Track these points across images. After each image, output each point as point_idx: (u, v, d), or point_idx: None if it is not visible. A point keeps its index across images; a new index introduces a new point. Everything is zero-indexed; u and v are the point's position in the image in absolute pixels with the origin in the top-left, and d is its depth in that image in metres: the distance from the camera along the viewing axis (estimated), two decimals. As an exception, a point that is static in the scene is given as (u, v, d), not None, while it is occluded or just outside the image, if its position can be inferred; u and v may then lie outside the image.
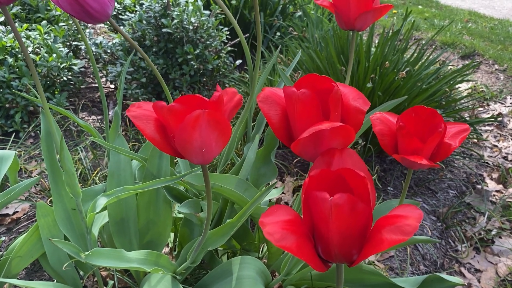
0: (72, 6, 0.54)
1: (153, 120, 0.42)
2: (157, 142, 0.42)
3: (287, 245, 0.31)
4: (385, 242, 0.30)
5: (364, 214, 0.32)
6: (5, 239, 1.02)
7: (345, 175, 0.35)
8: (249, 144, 0.86)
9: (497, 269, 1.09)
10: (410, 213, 0.32)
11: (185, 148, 0.41)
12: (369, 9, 0.59)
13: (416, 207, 0.31)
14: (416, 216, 0.31)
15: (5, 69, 1.37)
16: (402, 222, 0.31)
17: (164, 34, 1.46)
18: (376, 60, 1.27)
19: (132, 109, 0.43)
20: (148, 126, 0.42)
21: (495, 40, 2.81)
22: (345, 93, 0.42)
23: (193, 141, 0.40)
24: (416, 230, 0.29)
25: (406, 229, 0.30)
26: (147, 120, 0.42)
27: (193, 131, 0.39)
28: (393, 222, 0.32)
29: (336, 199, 0.31)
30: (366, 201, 0.33)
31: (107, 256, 0.60)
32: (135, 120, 0.42)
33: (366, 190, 0.33)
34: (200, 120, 0.39)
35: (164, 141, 0.42)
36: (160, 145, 0.42)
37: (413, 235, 0.29)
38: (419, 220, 0.30)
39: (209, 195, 0.51)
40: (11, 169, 0.92)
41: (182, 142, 0.41)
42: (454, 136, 0.50)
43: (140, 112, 0.42)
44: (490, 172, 1.47)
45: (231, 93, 0.45)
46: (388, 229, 0.31)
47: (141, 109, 0.43)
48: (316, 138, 0.39)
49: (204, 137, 0.40)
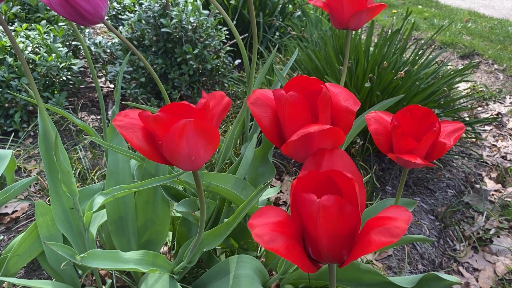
0: (64, 9, 0.54)
1: (140, 129, 0.41)
2: (145, 151, 0.41)
3: (276, 247, 0.31)
4: (373, 244, 0.30)
5: (352, 215, 0.32)
6: (4, 238, 1.03)
7: (334, 177, 0.35)
8: (246, 144, 0.86)
9: (495, 268, 1.09)
10: (399, 215, 0.32)
11: (173, 156, 0.41)
12: (363, 8, 0.59)
13: (406, 209, 0.31)
14: (405, 218, 0.31)
15: (5, 69, 1.38)
16: (391, 224, 0.31)
17: (163, 34, 1.46)
18: (375, 60, 1.27)
19: (118, 118, 0.41)
20: (136, 135, 0.40)
21: (495, 40, 2.81)
22: (335, 93, 0.42)
23: (181, 150, 0.40)
24: (404, 232, 0.29)
25: (394, 231, 0.30)
26: (134, 129, 0.41)
27: (180, 140, 0.39)
28: (382, 224, 0.32)
29: (323, 200, 0.31)
30: (354, 203, 0.33)
31: (103, 258, 0.60)
32: (121, 130, 0.40)
33: (354, 192, 0.33)
34: (186, 129, 0.38)
35: (152, 150, 0.41)
36: (148, 155, 0.41)
37: (401, 237, 0.29)
38: (408, 222, 0.30)
39: (202, 197, 0.51)
40: (8, 168, 0.93)
41: (169, 151, 0.40)
42: (449, 135, 0.50)
43: (127, 121, 0.41)
44: (489, 171, 1.47)
45: (218, 96, 0.44)
46: (377, 231, 0.31)
47: (128, 117, 0.42)
48: (306, 140, 0.39)
49: (191, 146, 0.40)
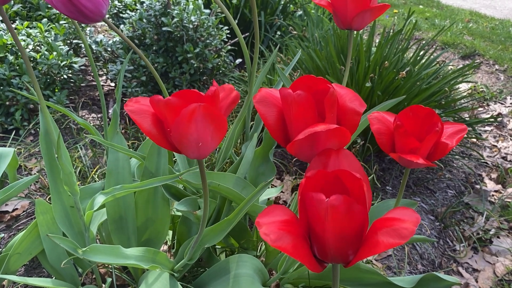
0: (66, 6, 0.53)
1: (150, 114, 0.42)
2: (154, 136, 0.42)
3: (283, 246, 0.31)
4: (381, 245, 0.30)
5: (360, 215, 0.32)
6: (4, 236, 1.02)
7: (342, 176, 0.35)
8: (247, 143, 0.86)
9: (495, 269, 1.09)
10: (407, 216, 0.32)
11: (181, 142, 0.41)
12: (366, 8, 0.59)
13: (414, 211, 0.31)
14: (414, 220, 0.31)
15: (6, 67, 1.37)
16: (399, 225, 0.31)
17: (164, 33, 1.46)
18: (377, 60, 1.27)
19: (130, 103, 0.43)
20: (145, 120, 0.42)
21: (496, 40, 2.81)
22: (341, 94, 0.42)
23: (189, 135, 0.40)
24: (413, 234, 0.29)
25: (403, 232, 0.30)
26: (145, 115, 0.42)
27: (189, 125, 0.40)
28: (390, 225, 0.31)
29: (332, 200, 0.31)
30: (362, 203, 0.33)
31: (104, 253, 0.60)
32: (132, 115, 0.42)
33: (362, 192, 0.33)
34: (196, 113, 0.39)
35: (160, 135, 0.42)
36: (157, 139, 0.42)
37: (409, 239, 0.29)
38: (416, 224, 0.30)
39: (206, 190, 0.51)
40: (10, 166, 0.93)
41: (178, 136, 0.41)
42: (451, 136, 0.50)
43: (138, 106, 0.43)
44: (489, 172, 1.47)
45: (228, 89, 0.45)
46: (385, 232, 0.31)
47: (139, 103, 0.43)
48: (312, 139, 0.39)
49: (200, 131, 0.40)
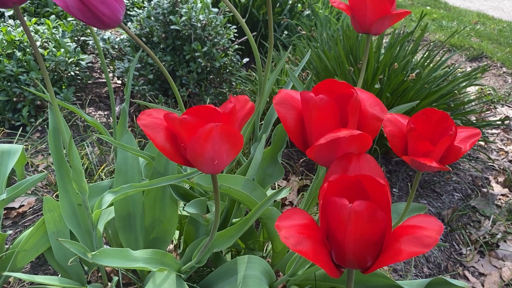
0: (83, 13, 0.54)
1: (164, 129, 0.42)
2: (167, 151, 0.41)
3: (304, 250, 0.31)
4: (403, 253, 0.30)
5: (383, 222, 0.31)
6: (11, 233, 1.03)
7: (364, 182, 0.34)
8: (256, 144, 0.86)
9: (501, 273, 1.09)
10: (429, 224, 0.31)
11: (197, 159, 0.41)
12: (387, 14, 0.58)
13: (436, 218, 0.31)
14: (437, 228, 0.30)
15: (14, 63, 1.38)
16: (421, 233, 0.30)
17: (172, 31, 1.46)
18: (386, 62, 1.26)
19: (142, 117, 0.42)
20: (159, 135, 0.41)
21: (504, 43, 2.79)
22: (362, 99, 0.42)
23: (205, 153, 0.40)
24: (436, 242, 0.29)
25: (426, 240, 0.29)
26: (158, 129, 0.41)
27: (206, 144, 0.39)
28: (412, 232, 0.31)
29: (355, 206, 0.31)
30: (385, 209, 0.33)
31: (113, 256, 0.60)
32: (145, 129, 0.41)
33: (386, 198, 0.33)
34: (213, 133, 0.38)
35: (174, 151, 0.42)
36: (170, 155, 0.41)
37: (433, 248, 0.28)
38: (440, 233, 0.29)
39: (218, 201, 0.51)
40: (18, 162, 0.92)
41: (193, 154, 0.41)
42: (464, 140, 0.50)
43: (151, 120, 0.42)
44: (496, 175, 1.46)
45: (243, 100, 0.45)
46: (407, 239, 0.31)
47: (151, 117, 0.42)
48: (333, 144, 0.39)
49: (216, 150, 0.40)
